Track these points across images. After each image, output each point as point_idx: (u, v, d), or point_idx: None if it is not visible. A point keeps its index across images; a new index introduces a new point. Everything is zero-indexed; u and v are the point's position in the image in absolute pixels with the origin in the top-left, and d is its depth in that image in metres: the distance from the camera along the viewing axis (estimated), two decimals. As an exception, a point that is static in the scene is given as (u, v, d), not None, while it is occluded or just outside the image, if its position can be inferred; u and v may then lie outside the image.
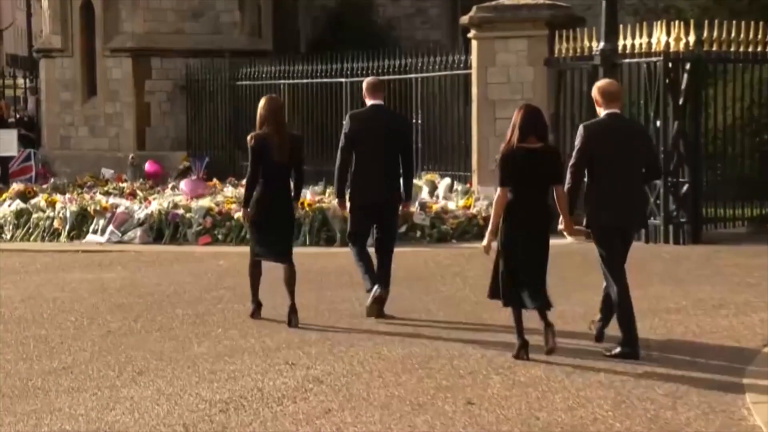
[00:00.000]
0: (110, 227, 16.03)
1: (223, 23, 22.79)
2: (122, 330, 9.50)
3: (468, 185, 16.80)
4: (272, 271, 9.97)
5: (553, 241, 8.34)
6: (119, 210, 16.32)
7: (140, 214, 16.18)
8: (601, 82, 8.69)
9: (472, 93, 16.81)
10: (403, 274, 12.01)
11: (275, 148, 9.58)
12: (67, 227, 16.35)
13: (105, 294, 11.43)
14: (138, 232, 15.86)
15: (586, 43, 15.29)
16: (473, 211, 15.58)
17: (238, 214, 15.36)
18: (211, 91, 21.83)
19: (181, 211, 15.92)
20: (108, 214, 16.26)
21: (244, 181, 10.12)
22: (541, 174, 8.19)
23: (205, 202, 16.26)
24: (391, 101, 18.38)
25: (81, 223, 16.41)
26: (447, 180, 17.09)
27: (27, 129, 24.85)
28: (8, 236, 16.74)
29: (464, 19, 17.05)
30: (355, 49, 19.27)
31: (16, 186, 19.29)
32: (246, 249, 12.85)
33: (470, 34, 16.89)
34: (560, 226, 8.35)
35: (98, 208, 16.42)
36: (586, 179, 8.31)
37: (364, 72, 18.72)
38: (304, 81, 19.78)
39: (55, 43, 23.50)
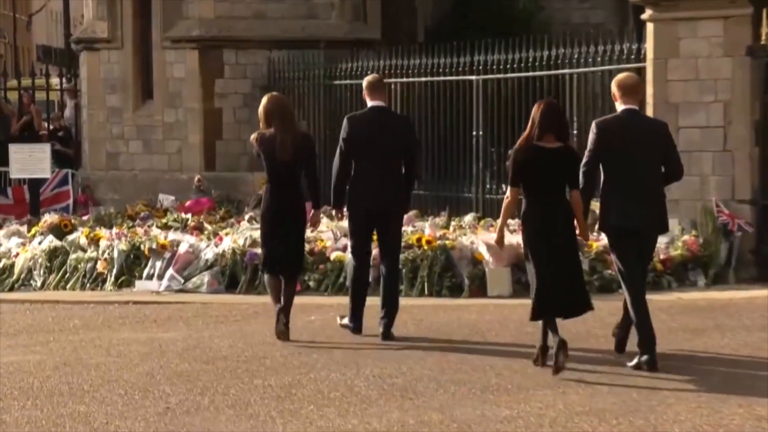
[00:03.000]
0: (170, 271, 16.26)
1: (317, 4, 22.98)
2: (185, 406, 9.64)
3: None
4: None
5: (736, 294, 8.40)
6: (181, 249, 16.55)
7: (208, 254, 16.38)
8: (620, 75, 10.50)
9: (646, 93, 16.71)
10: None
11: (277, 145, 11.71)
12: (115, 271, 16.61)
13: (162, 359, 11.61)
14: (205, 277, 16.07)
15: (806, 25, 15.13)
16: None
17: (336, 254, 15.53)
18: (301, 93, 22.02)
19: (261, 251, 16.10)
20: (167, 255, 16.50)
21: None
22: (558, 177, 9.88)
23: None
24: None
25: (132, 265, 16.67)
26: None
27: (63, 143, 25.30)
28: (38, 283, 16.99)
29: (636, -4, 17.01)
30: (490, 38, 19.31)
31: (48, 217, 19.46)
32: (346, 299, 12.93)
33: (645, 16, 16.81)
34: (576, 231, 10.07)
35: (154, 246, 16.66)
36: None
37: (500, 67, 18.78)
38: (423, 79, 19.87)
39: (99, 31, 23.96)
